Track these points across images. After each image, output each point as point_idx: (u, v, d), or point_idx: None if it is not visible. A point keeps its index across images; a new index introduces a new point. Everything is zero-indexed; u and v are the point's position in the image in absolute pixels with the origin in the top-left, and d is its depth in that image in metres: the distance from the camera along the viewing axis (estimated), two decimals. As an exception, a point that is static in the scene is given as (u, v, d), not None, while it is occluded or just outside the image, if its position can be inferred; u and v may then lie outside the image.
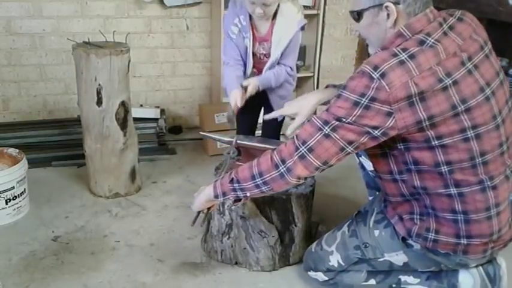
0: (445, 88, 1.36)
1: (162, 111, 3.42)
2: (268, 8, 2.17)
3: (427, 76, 1.35)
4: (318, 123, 1.45)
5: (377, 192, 1.89)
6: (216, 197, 1.65)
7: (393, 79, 1.34)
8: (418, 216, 1.58)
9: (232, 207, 1.81)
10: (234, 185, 1.59)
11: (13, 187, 2.35)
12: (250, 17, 2.26)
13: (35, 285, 1.95)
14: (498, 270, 1.69)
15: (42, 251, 2.16)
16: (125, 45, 2.50)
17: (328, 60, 3.69)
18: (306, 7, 3.40)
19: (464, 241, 1.52)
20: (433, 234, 1.55)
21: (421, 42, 1.40)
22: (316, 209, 2.25)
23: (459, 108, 1.38)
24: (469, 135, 1.41)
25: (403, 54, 1.37)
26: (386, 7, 1.43)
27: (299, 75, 3.63)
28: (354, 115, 1.39)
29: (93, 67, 2.38)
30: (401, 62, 1.36)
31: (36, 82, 3.31)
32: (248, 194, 1.60)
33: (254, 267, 2.07)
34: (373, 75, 1.35)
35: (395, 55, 1.37)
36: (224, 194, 1.63)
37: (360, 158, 1.70)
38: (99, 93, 2.42)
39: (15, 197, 2.38)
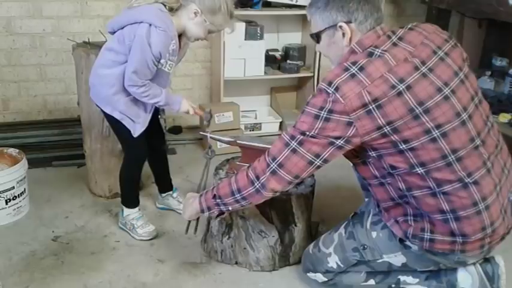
0: (399, 93, 1.42)
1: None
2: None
3: (379, 84, 1.42)
4: (286, 139, 1.54)
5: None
6: (202, 211, 1.76)
7: (346, 91, 1.42)
8: (412, 218, 1.59)
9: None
10: (217, 200, 1.69)
11: (13, 187, 2.35)
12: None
13: (35, 285, 1.95)
14: (497, 269, 1.70)
15: (42, 251, 2.16)
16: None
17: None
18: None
19: (459, 239, 1.52)
20: (428, 234, 1.56)
21: (370, 54, 1.48)
22: (316, 209, 2.25)
23: (417, 111, 1.43)
24: (435, 135, 1.44)
25: (353, 67, 1.45)
26: (340, 27, 1.53)
27: (299, 75, 3.65)
28: (316, 128, 1.47)
29: (93, 67, 2.38)
30: (353, 75, 1.44)
31: (36, 82, 3.31)
32: (230, 208, 1.70)
33: (254, 267, 2.07)
34: (329, 90, 1.44)
35: (346, 69, 1.46)
36: (209, 209, 1.74)
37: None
38: (99, 93, 2.42)
39: (15, 197, 2.38)
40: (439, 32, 1.60)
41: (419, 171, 1.48)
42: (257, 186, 1.59)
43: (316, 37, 1.62)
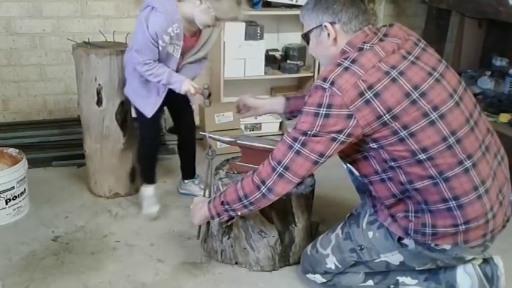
0: (393, 79, 1.46)
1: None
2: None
3: (373, 73, 1.46)
4: (289, 141, 1.56)
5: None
6: (212, 217, 1.79)
7: (342, 83, 1.46)
8: (413, 214, 1.60)
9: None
10: (225, 206, 1.72)
11: (13, 187, 2.36)
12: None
13: (35, 285, 1.95)
14: (496, 270, 1.71)
15: (42, 251, 2.16)
16: (125, 45, 2.50)
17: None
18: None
19: (462, 228, 1.53)
20: (430, 228, 1.57)
21: (360, 49, 1.53)
22: (316, 209, 2.25)
23: (413, 95, 1.47)
24: (433, 117, 1.48)
25: (346, 61, 1.50)
26: (325, 26, 1.60)
27: (299, 75, 3.65)
28: (317, 125, 1.48)
29: (93, 67, 2.38)
30: (346, 68, 1.48)
31: (36, 82, 3.31)
32: (239, 213, 1.74)
33: (254, 267, 2.07)
34: (324, 85, 1.48)
35: (339, 64, 1.51)
36: (218, 215, 1.76)
37: (348, 164, 1.73)
38: (99, 93, 2.42)
39: (15, 197, 2.38)
40: (412, 31, 1.67)
41: (421, 158, 1.49)
42: (263, 190, 1.61)
43: (306, 37, 1.68)
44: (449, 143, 1.48)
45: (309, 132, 1.50)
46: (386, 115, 1.45)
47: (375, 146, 1.54)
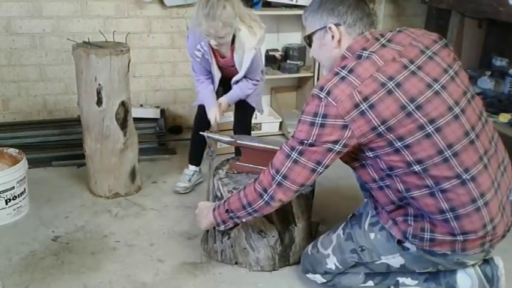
0: (389, 91, 1.44)
1: (162, 111, 3.42)
2: (223, 39, 2.27)
3: (369, 83, 1.45)
4: (286, 150, 1.57)
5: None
6: (218, 225, 1.80)
7: (338, 94, 1.45)
8: (412, 218, 1.60)
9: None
10: (230, 214, 1.74)
11: (13, 187, 2.36)
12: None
13: (35, 285, 1.95)
14: (496, 271, 1.70)
15: (42, 251, 2.16)
16: (125, 45, 2.50)
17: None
18: (306, 7, 3.41)
19: (460, 238, 1.53)
20: (428, 234, 1.56)
21: (358, 57, 1.51)
22: (316, 209, 2.25)
23: (409, 108, 1.45)
24: (429, 130, 1.46)
25: (343, 71, 1.49)
26: (330, 28, 1.58)
27: (299, 75, 3.66)
28: (313, 135, 1.49)
29: (93, 67, 2.38)
30: (343, 78, 1.47)
31: (36, 82, 3.31)
32: (244, 220, 1.75)
33: (254, 267, 2.07)
34: (321, 95, 1.47)
35: (336, 74, 1.50)
36: (224, 222, 1.78)
37: None
38: (99, 93, 2.42)
39: (15, 197, 2.38)
40: (427, 34, 1.62)
41: (416, 169, 1.48)
42: (266, 198, 1.62)
43: (308, 39, 1.67)
44: (445, 156, 1.47)
45: (306, 142, 1.50)
46: (381, 126, 1.45)
47: (372, 155, 1.54)
